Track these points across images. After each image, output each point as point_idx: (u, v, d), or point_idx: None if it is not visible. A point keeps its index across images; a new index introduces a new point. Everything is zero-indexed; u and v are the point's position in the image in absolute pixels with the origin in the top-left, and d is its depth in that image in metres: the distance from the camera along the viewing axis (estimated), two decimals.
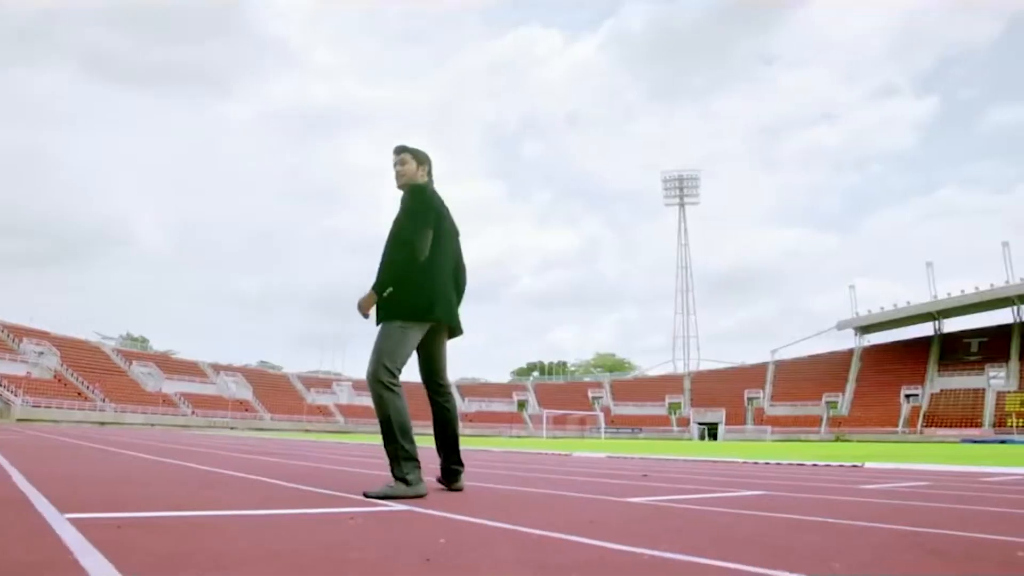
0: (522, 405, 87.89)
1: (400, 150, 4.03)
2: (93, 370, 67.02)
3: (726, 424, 73.38)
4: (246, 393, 77.68)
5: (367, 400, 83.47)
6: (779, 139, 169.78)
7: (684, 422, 77.37)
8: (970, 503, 4.01)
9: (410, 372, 3.83)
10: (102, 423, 53.66)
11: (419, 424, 3.52)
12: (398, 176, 3.97)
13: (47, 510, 2.46)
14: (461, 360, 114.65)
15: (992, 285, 71.47)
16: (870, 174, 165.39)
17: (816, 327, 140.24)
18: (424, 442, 4.22)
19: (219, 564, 1.61)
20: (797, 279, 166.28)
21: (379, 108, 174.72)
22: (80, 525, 2.09)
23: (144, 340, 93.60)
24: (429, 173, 4.05)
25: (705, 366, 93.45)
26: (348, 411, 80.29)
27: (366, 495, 3.45)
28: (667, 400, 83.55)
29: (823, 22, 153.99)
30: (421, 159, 4.03)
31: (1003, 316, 76.38)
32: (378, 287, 3.72)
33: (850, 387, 76.37)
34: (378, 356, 3.65)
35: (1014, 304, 74.19)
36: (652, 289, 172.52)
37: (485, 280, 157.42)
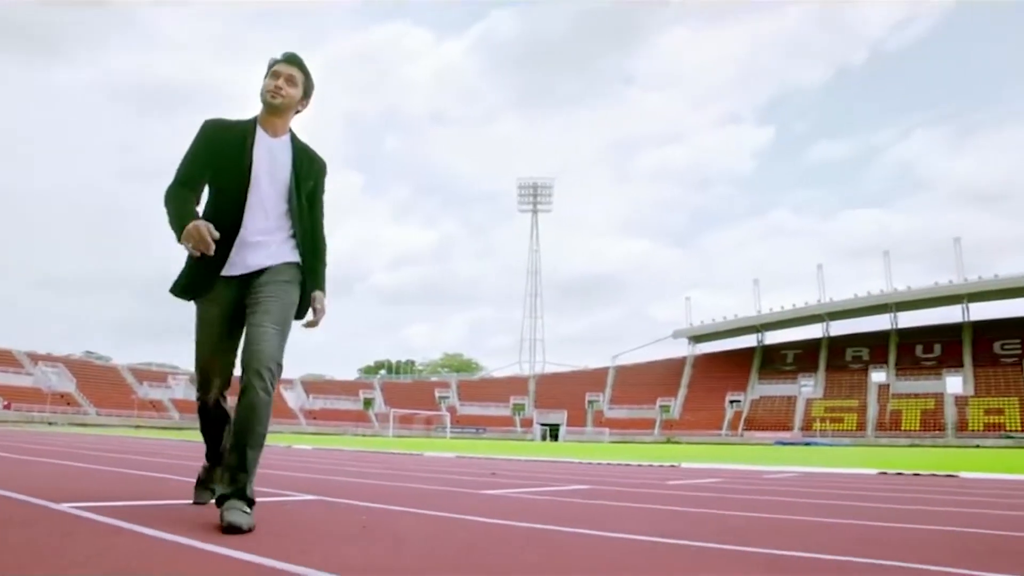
0: (368, 403, 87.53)
1: (294, 61, 3.01)
2: None
3: (567, 426, 76.59)
4: (68, 385, 72.43)
5: None
6: (633, 154, 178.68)
7: (527, 423, 79.95)
8: (739, 493, 5.27)
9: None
10: None
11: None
12: (278, 92, 2.94)
13: (39, 502, 3.05)
14: (306, 356, 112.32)
15: (807, 303, 79.14)
16: (712, 194, 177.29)
17: (655, 335, 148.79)
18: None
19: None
20: (640, 288, 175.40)
21: (234, 87, 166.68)
22: (92, 511, 2.75)
23: None
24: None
25: (550, 369, 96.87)
26: (184, 406, 76.69)
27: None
28: (512, 401, 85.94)
29: (678, 50, 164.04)
30: (309, 90, 3.07)
31: (814, 331, 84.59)
32: (324, 283, 3.13)
33: (682, 392, 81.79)
34: (280, 352, 2.79)
35: (824, 320, 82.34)
36: (503, 291, 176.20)
37: (335, 274, 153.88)
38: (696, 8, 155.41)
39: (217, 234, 2.72)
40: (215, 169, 2.91)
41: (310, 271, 3.02)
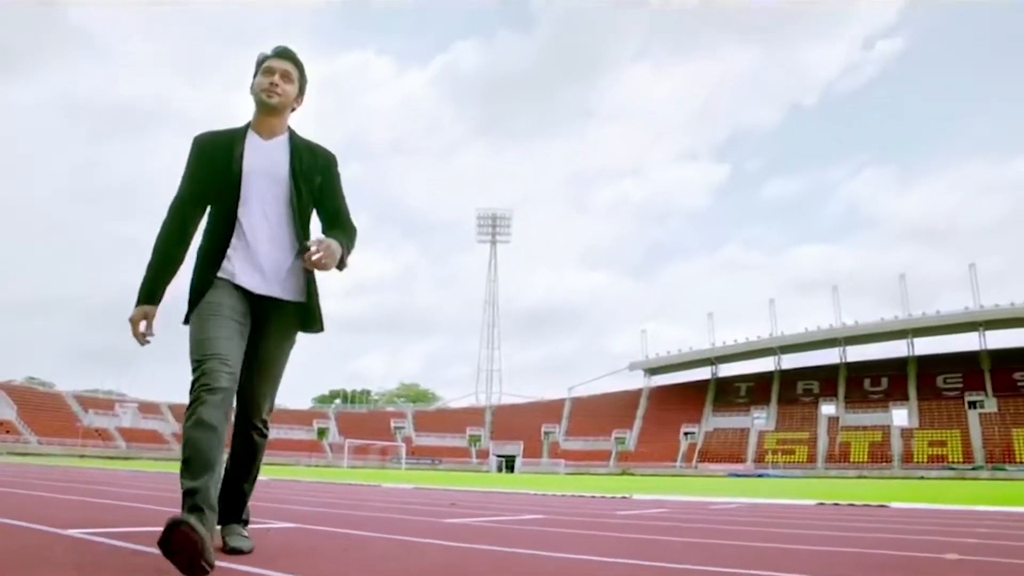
0: (323, 433, 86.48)
1: (289, 55, 2.86)
2: None
3: (523, 457, 76.66)
4: (8, 412, 70.08)
5: (155, 423, 78.89)
6: (592, 187, 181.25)
7: (484, 454, 79.80)
8: (683, 522, 5.70)
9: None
10: None
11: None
12: (273, 90, 2.79)
13: (45, 528, 3.32)
14: None
15: (759, 336, 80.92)
16: (669, 228, 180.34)
17: (611, 366, 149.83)
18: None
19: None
20: (597, 320, 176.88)
21: (195, 109, 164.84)
22: (101, 536, 3.05)
23: None
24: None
25: (506, 400, 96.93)
26: (131, 435, 74.88)
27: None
28: (468, 432, 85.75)
29: (639, 87, 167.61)
30: (304, 87, 2.94)
31: (767, 364, 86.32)
32: (346, 255, 2.87)
33: (637, 424, 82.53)
34: (273, 403, 2.94)
35: (776, 354, 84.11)
36: (461, 321, 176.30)
37: None
38: (657, 47, 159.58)
39: (152, 336, 2.67)
40: (209, 182, 2.72)
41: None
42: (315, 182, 2.86)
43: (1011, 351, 72.80)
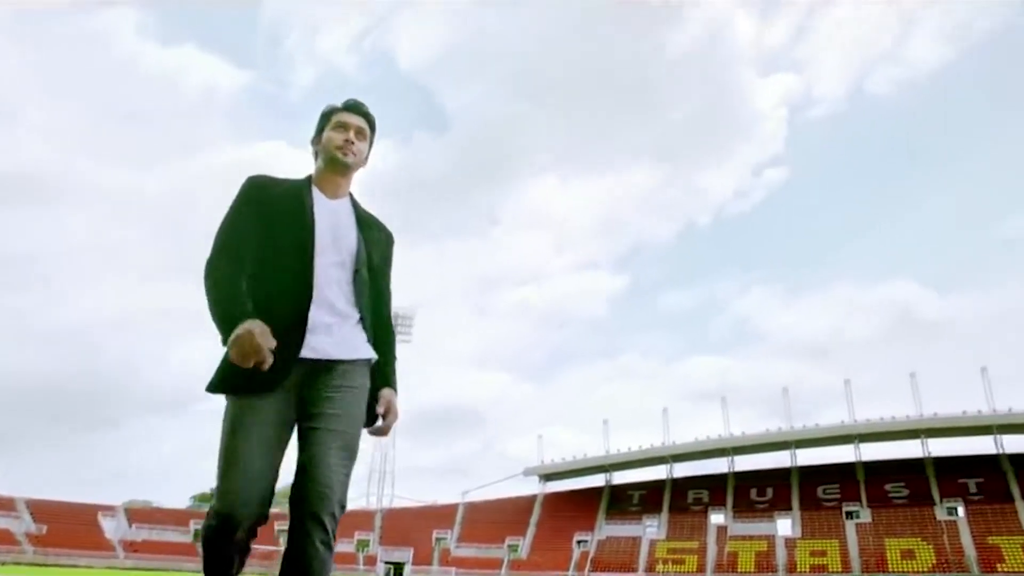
0: (200, 535, 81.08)
1: (363, 112, 2.62)
2: None
3: (413, 564, 73.93)
4: None
5: (5, 521, 71.17)
6: (495, 291, 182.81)
7: (371, 560, 76.46)
8: None
9: None
10: None
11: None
12: (349, 148, 2.53)
13: None
14: (130, 480, 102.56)
15: (652, 444, 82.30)
16: (569, 334, 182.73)
17: (507, 470, 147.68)
18: None
19: None
20: (495, 423, 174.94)
21: (101, 186, 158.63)
22: None
23: None
24: None
25: (398, 503, 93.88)
26: (37, 540, 66.95)
27: None
28: (356, 537, 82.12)
29: (544, 197, 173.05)
30: (372, 144, 2.69)
31: (659, 472, 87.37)
32: (395, 379, 2.62)
33: (531, 531, 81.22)
34: (346, 489, 2.41)
35: (667, 462, 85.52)
36: None
37: (174, 390, 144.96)
38: (564, 159, 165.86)
39: (274, 342, 2.18)
40: (266, 231, 2.35)
41: (380, 364, 2.54)
42: (376, 259, 2.61)
43: (882, 463, 76.61)
